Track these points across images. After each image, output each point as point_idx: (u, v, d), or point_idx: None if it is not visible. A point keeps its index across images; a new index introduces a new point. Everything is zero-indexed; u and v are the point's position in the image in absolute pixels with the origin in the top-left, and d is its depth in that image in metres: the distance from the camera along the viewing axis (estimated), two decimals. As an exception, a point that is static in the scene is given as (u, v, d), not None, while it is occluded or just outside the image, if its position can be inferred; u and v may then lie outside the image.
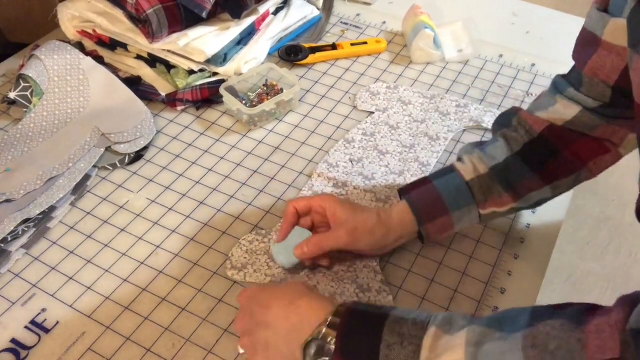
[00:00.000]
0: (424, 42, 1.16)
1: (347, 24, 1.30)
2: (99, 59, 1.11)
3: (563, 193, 0.82)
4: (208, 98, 1.07)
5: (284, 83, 1.08)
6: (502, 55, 1.21)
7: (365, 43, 1.22)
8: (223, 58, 1.09)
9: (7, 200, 0.86)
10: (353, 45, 1.21)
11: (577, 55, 0.77)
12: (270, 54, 1.19)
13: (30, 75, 1.01)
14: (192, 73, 1.08)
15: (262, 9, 1.14)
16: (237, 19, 1.10)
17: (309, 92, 1.13)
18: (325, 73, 1.17)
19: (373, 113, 1.06)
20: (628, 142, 0.76)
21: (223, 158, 0.99)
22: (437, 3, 1.35)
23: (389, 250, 0.83)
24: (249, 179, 0.96)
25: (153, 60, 1.10)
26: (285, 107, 1.07)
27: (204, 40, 1.06)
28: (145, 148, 0.99)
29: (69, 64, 1.05)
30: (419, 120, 1.04)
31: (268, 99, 1.04)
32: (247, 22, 1.11)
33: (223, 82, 1.07)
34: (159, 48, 1.07)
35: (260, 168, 0.98)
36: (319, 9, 1.29)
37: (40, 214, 0.87)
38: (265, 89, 1.07)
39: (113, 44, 1.11)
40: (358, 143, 1.00)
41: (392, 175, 0.94)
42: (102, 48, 1.14)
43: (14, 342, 0.74)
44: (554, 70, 0.80)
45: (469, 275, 0.83)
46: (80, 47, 1.14)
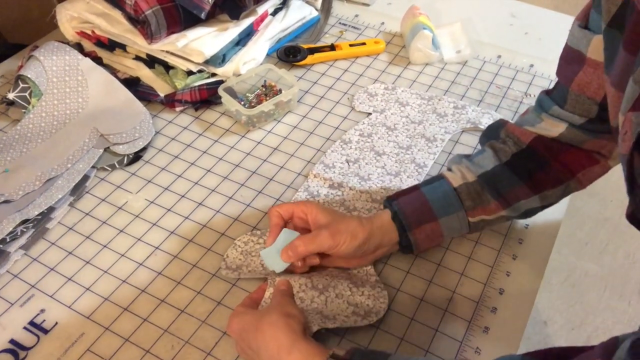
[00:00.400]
0: (423, 42, 1.16)
1: (345, 25, 1.30)
2: (98, 60, 1.12)
3: (552, 204, 0.82)
4: (207, 99, 1.07)
5: (283, 84, 1.08)
6: (500, 56, 1.21)
7: (364, 44, 1.22)
8: (222, 59, 1.09)
9: (5, 201, 0.86)
10: (351, 46, 1.21)
11: (561, 72, 0.77)
12: (269, 55, 1.19)
13: (29, 76, 1.01)
14: (190, 74, 1.08)
15: (260, 10, 1.14)
16: (235, 20, 1.10)
17: (308, 92, 1.13)
18: (324, 74, 1.17)
19: (370, 114, 1.06)
20: (617, 154, 0.76)
21: (222, 159, 0.99)
22: (435, 4, 1.35)
23: (369, 261, 0.81)
24: (248, 180, 0.96)
25: (152, 61, 1.10)
26: (284, 107, 1.07)
27: (203, 41, 1.06)
28: (144, 149, 0.99)
29: (68, 65, 1.05)
30: (416, 122, 1.04)
31: (266, 100, 1.04)
32: (245, 22, 1.12)
33: (222, 82, 1.07)
34: (158, 49, 1.07)
35: (259, 169, 0.98)
36: (318, 10, 1.29)
37: (39, 215, 0.87)
38: (264, 90, 1.08)
39: (112, 45, 1.11)
40: (355, 144, 1.00)
41: (388, 176, 0.95)
42: (100, 49, 1.14)
43: (13, 342, 0.75)
44: (553, 71, 0.80)
45: (468, 276, 0.83)
46: (79, 48, 1.14)
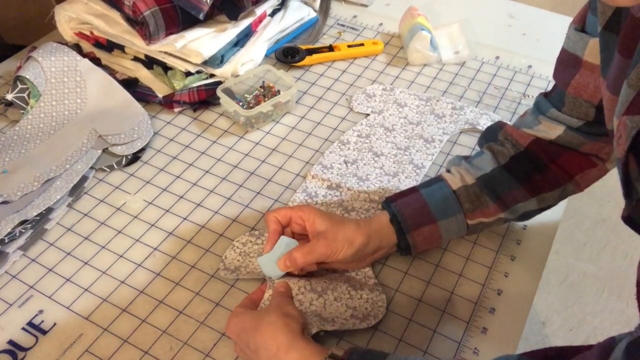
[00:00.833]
0: (421, 43, 1.16)
1: (343, 26, 1.30)
2: (96, 61, 1.12)
3: (550, 206, 0.82)
4: (205, 100, 1.07)
5: (281, 85, 1.08)
6: (498, 57, 1.22)
7: (362, 45, 1.22)
8: (220, 60, 1.09)
9: (4, 202, 0.86)
10: (350, 47, 1.21)
11: (558, 75, 0.77)
12: (267, 56, 1.19)
13: (28, 77, 1.01)
14: (189, 75, 1.08)
15: (258, 11, 1.14)
16: (234, 21, 1.10)
17: (306, 93, 1.13)
18: (322, 75, 1.17)
19: (369, 115, 1.06)
20: (614, 157, 0.77)
21: (220, 160, 0.99)
22: (433, 5, 1.35)
23: (368, 263, 0.81)
24: (246, 181, 0.96)
25: (150, 62, 1.10)
26: (282, 108, 1.07)
27: (201, 42, 1.06)
28: (142, 150, 0.99)
29: (66, 66, 1.05)
30: (414, 123, 1.04)
31: (265, 101, 1.04)
32: (244, 23, 1.12)
33: (220, 83, 1.07)
34: (156, 50, 1.07)
35: (257, 170, 0.98)
36: (316, 11, 1.29)
37: (38, 216, 0.87)
38: (262, 91, 1.08)
39: (110, 46, 1.11)
40: (353, 145, 1.00)
41: (386, 177, 0.95)
42: (99, 50, 1.14)
43: (11, 343, 0.75)
44: (551, 72, 0.80)
45: (466, 277, 0.83)
46: (78, 48, 1.14)
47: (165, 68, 1.10)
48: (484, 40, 1.26)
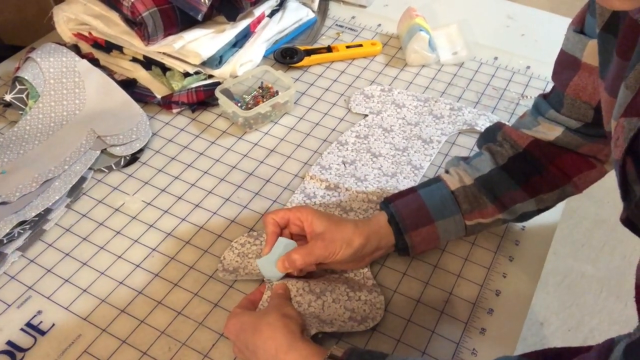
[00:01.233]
0: (419, 44, 1.16)
1: (342, 27, 1.30)
2: (95, 62, 1.11)
3: (548, 207, 0.82)
4: (203, 100, 1.07)
5: (279, 85, 1.09)
6: (497, 58, 1.22)
7: (361, 45, 1.22)
8: (218, 60, 1.09)
9: (2, 203, 0.86)
10: (348, 48, 1.21)
11: (557, 77, 0.77)
12: (266, 57, 1.19)
13: (26, 78, 1.01)
14: (187, 75, 1.08)
15: (257, 12, 1.15)
16: (232, 22, 1.10)
17: (304, 94, 1.13)
18: (321, 75, 1.17)
19: (367, 115, 1.06)
20: (613, 159, 0.77)
21: (218, 160, 0.99)
22: (432, 6, 1.35)
23: (366, 263, 0.81)
24: (244, 182, 0.96)
25: (148, 63, 1.10)
26: (281, 109, 1.07)
27: (200, 43, 1.06)
28: (141, 150, 0.99)
29: (65, 67, 1.05)
30: (413, 123, 1.04)
31: (263, 102, 1.04)
32: (242, 24, 1.12)
33: (218, 84, 1.07)
34: (155, 50, 1.07)
35: (256, 170, 0.98)
36: (314, 12, 1.29)
37: (36, 216, 0.87)
38: (261, 92, 1.08)
39: (108, 47, 1.11)
40: (351, 145, 1.00)
41: (384, 178, 0.95)
42: (97, 50, 1.14)
43: (10, 344, 0.74)
44: (549, 73, 0.80)
45: (464, 278, 0.83)
46: (76, 49, 1.14)
47: (164, 69, 1.10)
48: (483, 41, 1.26)
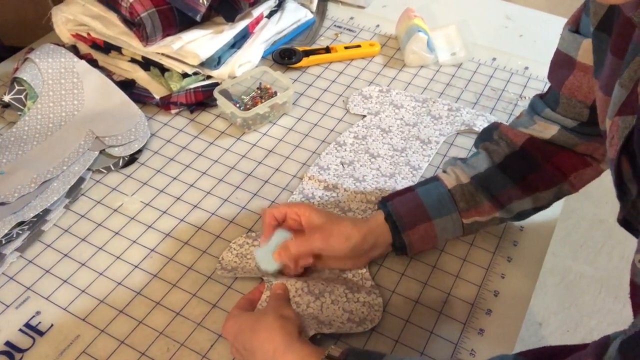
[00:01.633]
0: (418, 45, 1.16)
1: (340, 27, 1.30)
2: (93, 62, 1.12)
3: (545, 206, 0.82)
4: (202, 101, 1.07)
5: (278, 86, 1.09)
6: (495, 59, 1.22)
7: (359, 46, 1.22)
8: (217, 61, 1.09)
9: (1, 203, 0.86)
10: (347, 49, 1.21)
11: (552, 76, 0.78)
12: (264, 57, 1.19)
13: (25, 79, 1.01)
14: (186, 76, 1.08)
15: (255, 12, 1.15)
16: (231, 22, 1.10)
17: (303, 95, 1.13)
18: (319, 76, 1.17)
19: (365, 116, 1.07)
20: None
21: (217, 161, 0.99)
22: (430, 6, 1.36)
23: (364, 263, 0.82)
24: (243, 182, 0.96)
25: (147, 64, 1.10)
26: (279, 110, 1.07)
27: (198, 44, 1.06)
28: (139, 151, 0.99)
29: (63, 67, 1.05)
30: (411, 124, 1.04)
31: (262, 102, 1.04)
32: (240, 25, 1.12)
33: (217, 85, 1.07)
34: (153, 51, 1.07)
35: (254, 171, 0.98)
36: (313, 12, 1.29)
37: (35, 217, 0.87)
38: (259, 92, 1.08)
39: (107, 47, 1.11)
40: (349, 146, 1.00)
41: (382, 178, 0.95)
42: (96, 51, 1.14)
43: (8, 344, 0.75)
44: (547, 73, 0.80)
45: (463, 278, 0.83)
46: (75, 50, 1.14)
47: (162, 69, 1.10)
48: (481, 42, 1.26)
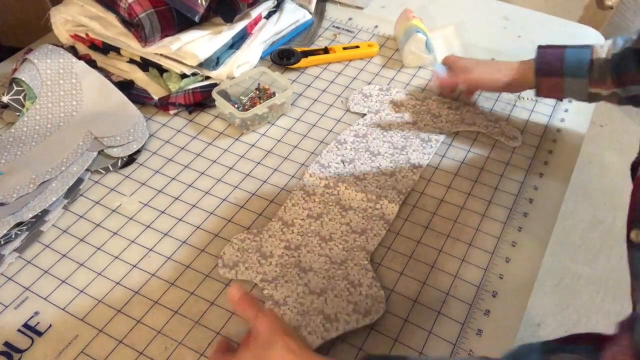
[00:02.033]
0: (416, 46, 1.16)
1: (339, 28, 1.30)
2: (92, 63, 1.12)
3: None
4: (200, 102, 1.08)
5: (276, 87, 1.09)
6: (493, 59, 1.21)
7: (357, 47, 1.22)
8: (215, 62, 1.09)
9: (0, 204, 0.87)
10: (345, 49, 1.21)
11: None
12: (263, 58, 1.20)
13: (23, 79, 1.01)
14: (184, 77, 1.09)
15: (254, 13, 1.15)
16: (229, 23, 1.10)
17: (301, 95, 1.13)
18: (318, 77, 1.18)
19: (365, 115, 1.07)
20: None
21: (215, 161, 0.99)
22: (428, 7, 1.36)
23: (501, 89, 1.03)
24: (241, 182, 0.96)
25: (145, 64, 1.10)
26: (278, 110, 1.07)
27: (197, 44, 1.06)
28: (138, 151, 0.99)
29: (62, 68, 1.05)
30: (411, 122, 1.05)
31: (260, 103, 1.04)
32: (239, 26, 1.12)
33: (215, 85, 1.07)
34: (152, 52, 1.07)
35: (253, 171, 0.98)
36: (311, 13, 1.30)
37: (33, 218, 0.87)
38: (258, 93, 1.08)
39: (106, 48, 1.11)
40: (350, 144, 1.00)
41: (383, 176, 0.95)
42: (94, 52, 1.14)
43: (7, 345, 0.74)
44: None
45: (461, 279, 0.83)
46: (73, 51, 1.14)
47: (161, 70, 1.10)
48: (479, 43, 1.26)
